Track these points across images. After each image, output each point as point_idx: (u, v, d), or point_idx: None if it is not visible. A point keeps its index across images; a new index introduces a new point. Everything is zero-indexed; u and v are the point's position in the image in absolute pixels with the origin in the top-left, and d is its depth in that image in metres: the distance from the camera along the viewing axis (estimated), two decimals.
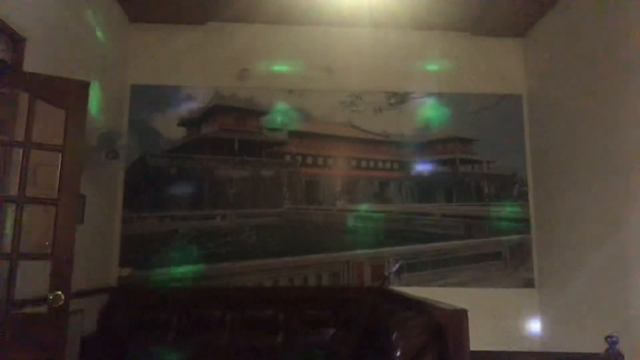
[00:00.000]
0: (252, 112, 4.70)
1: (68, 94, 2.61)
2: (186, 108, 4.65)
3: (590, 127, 3.79)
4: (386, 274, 4.41)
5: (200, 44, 4.76)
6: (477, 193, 4.72)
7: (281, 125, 4.70)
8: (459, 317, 2.29)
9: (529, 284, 4.53)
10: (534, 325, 4.42)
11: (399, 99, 4.81)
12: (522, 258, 4.58)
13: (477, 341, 2.35)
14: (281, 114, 4.71)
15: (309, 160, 4.68)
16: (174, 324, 3.97)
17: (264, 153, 4.66)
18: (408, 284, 4.37)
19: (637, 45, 3.29)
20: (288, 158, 4.67)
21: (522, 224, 4.65)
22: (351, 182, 4.67)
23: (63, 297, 2.42)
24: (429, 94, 4.82)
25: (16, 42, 2.73)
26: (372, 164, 4.72)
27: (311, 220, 4.59)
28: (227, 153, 4.61)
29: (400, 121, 4.76)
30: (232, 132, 4.66)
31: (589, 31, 3.83)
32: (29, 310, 2.61)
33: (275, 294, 4.36)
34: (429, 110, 4.80)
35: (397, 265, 4.37)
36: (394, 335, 2.52)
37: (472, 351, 2.25)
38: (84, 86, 2.66)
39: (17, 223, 2.42)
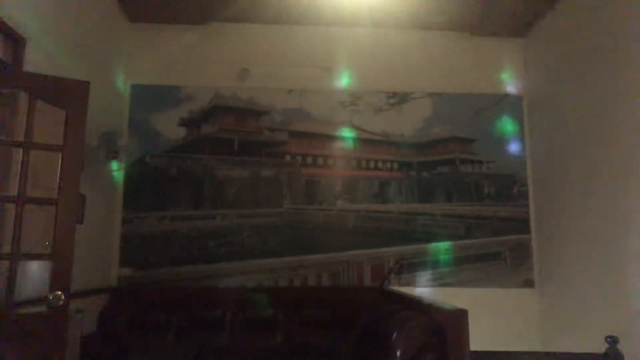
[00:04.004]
0: (252, 112, 4.70)
1: (68, 94, 2.60)
2: (186, 108, 4.65)
3: (590, 127, 3.79)
4: (387, 273, 4.41)
5: (200, 44, 4.76)
6: (477, 193, 4.72)
7: (281, 125, 4.70)
8: (459, 317, 2.29)
9: (529, 284, 4.53)
10: (534, 325, 4.42)
11: (399, 99, 4.81)
12: (522, 258, 4.58)
13: (477, 341, 2.35)
14: (281, 113, 4.71)
15: (309, 160, 4.68)
16: (174, 324, 3.97)
17: (264, 153, 4.66)
18: (408, 284, 4.38)
19: (637, 45, 3.29)
20: (288, 158, 4.67)
21: (522, 224, 4.65)
22: (351, 182, 4.67)
23: (63, 297, 2.42)
24: (429, 94, 4.82)
25: (16, 42, 2.73)
26: (372, 164, 4.72)
27: (311, 220, 4.58)
28: (227, 153, 4.61)
29: (400, 121, 4.76)
30: (232, 132, 4.66)
31: (589, 31, 3.83)
32: (29, 310, 2.61)
33: (275, 294, 4.36)
34: (429, 110, 4.80)
35: (399, 265, 4.37)
36: (394, 335, 2.52)
37: (472, 351, 2.25)
38: (84, 86, 2.66)
39: (17, 223, 2.41)
